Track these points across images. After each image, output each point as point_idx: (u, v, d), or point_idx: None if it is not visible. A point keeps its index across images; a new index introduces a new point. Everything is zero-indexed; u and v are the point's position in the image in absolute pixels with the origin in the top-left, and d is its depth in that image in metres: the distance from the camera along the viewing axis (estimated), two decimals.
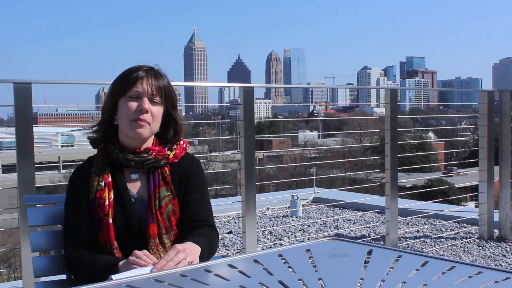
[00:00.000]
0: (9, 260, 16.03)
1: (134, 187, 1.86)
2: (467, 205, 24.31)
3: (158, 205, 1.82)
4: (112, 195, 1.80)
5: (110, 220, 1.77)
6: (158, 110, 1.82)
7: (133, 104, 1.78)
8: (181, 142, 1.94)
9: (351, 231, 6.25)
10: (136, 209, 1.82)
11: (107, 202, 1.79)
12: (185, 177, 1.89)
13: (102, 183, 1.81)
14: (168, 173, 1.87)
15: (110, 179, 1.82)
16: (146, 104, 1.78)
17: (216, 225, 1.94)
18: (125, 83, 1.80)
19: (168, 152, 1.87)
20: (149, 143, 1.88)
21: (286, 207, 7.81)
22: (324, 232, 6.29)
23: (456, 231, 6.06)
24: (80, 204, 1.82)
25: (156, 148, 1.86)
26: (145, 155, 1.83)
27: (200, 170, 1.95)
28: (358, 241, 1.73)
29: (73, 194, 1.85)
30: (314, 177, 10.24)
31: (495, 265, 4.79)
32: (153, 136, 1.89)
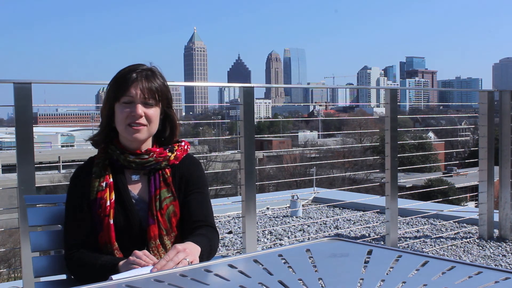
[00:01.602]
0: (9, 260, 16.03)
1: (135, 188, 1.86)
2: (467, 205, 24.31)
3: (159, 207, 1.81)
4: (113, 196, 1.80)
5: (111, 221, 1.77)
6: (154, 112, 1.81)
7: (127, 110, 1.78)
8: (182, 143, 1.93)
9: (351, 231, 6.25)
10: (137, 210, 1.81)
11: (108, 203, 1.78)
12: (186, 178, 1.89)
13: (103, 184, 1.81)
14: (169, 174, 1.86)
15: (111, 179, 1.82)
16: (139, 109, 1.77)
17: (216, 225, 1.94)
18: (118, 88, 1.79)
19: (169, 154, 1.87)
20: (148, 144, 1.88)
21: (286, 207, 7.80)
22: (324, 232, 6.29)
23: (456, 231, 6.06)
24: (81, 204, 1.81)
25: (157, 150, 1.85)
26: (146, 156, 1.83)
27: (201, 171, 1.94)
28: (358, 241, 1.73)
29: (73, 194, 1.85)
30: (314, 177, 10.23)
31: (495, 265, 4.79)
32: (151, 139, 1.89)
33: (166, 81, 1.88)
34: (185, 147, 1.93)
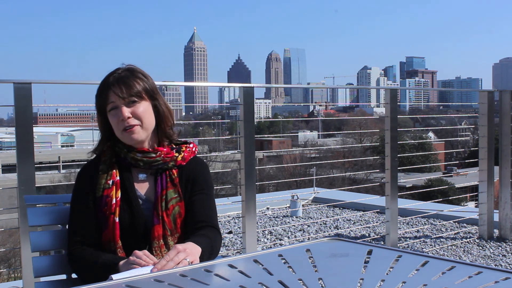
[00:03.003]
0: (9, 260, 16.03)
1: (142, 187, 1.86)
2: (467, 205, 24.31)
3: (165, 207, 1.81)
4: (119, 194, 1.80)
5: (117, 219, 1.77)
6: (142, 108, 1.81)
7: (116, 116, 1.79)
8: (190, 145, 1.94)
9: (351, 231, 6.25)
10: (142, 210, 1.82)
11: (114, 201, 1.79)
12: (192, 179, 1.89)
13: (110, 182, 1.81)
14: (176, 175, 1.87)
15: (117, 177, 1.82)
16: (125, 112, 1.77)
17: (219, 227, 1.94)
18: (99, 99, 1.81)
19: (176, 154, 1.87)
20: (151, 140, 1.88)
21: (286, 207, 7.81)
22: (324, 232, 6.29)
23: (456, 231, 6.06)
24: (87, 201, 1.81)
25: (165, 149, 1.86)
26: (153, 155, 1.83)
27: (207, 173, 1.95)
28: (358, 241, 1.73)
29: (79, 191, 1.85)
30: (314, 177, 10.23)
31: (495, 265, 4.79)
32: (154, 132, 1.88)
33: (146, 74, 1.86)
34: (193, 149, 1.93)
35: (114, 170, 1.83)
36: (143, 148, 1.84)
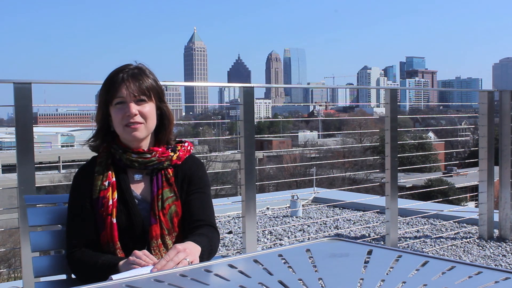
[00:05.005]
0: (9, 260, 16.01)
1: (138, 188, 1.86)
2: (467, 205, 24.30)
3: (161, 206, 1.82)
4: (115, 195, 1.81)
5: (114, 220, 1.78)
6: (148, 108, 1.81)
7: (121, 111, 1.78)
8: (186, 144, 1.94)
9: (351, 231, 6.25)
10: (139, 210, 1.82)
11: (110, 202, 1.79)
12: (188, 178, 1.89)
13: (106, 183, 1.81)
14: (171, 174, 1.87)
15: (113, 179, 1.83)
16: (133, 108, 1.78)
17: (216, 225, 1.94)
18: (108, 91, 1.80)
19: (172, 154, 1.87)
20: (150, 142, 1.88)
21: (286, 207, 7.80)
22: (324, 232, 6.29)
23: (456, 231, 6.06)
24: (84, 203, 1.82)
25: (160, 149, 1.86)
26: (149, 155, 1.84)
27: (203, 172, 1.95)
28: (358, 241, 1.73)
29: (76, 193, 1.85)
30: (314, 177, 10.22)
31: (495, 265, 4.79)
32: (152, 134, 1.89)
33: (155, 77, 1.89)
34: (188, 148, 1.94)
35: (110, 172, 1.83)
36: (139, 149, 1.84)
